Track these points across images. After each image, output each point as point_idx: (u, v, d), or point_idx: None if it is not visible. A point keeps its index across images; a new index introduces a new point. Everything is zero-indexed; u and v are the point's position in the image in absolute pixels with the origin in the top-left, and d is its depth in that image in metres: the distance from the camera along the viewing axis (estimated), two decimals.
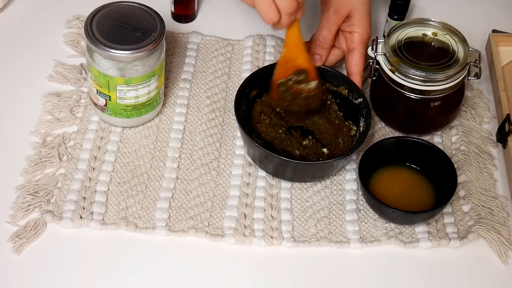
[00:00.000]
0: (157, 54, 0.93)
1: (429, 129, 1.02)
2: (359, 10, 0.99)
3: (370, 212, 0.93)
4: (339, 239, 0.90)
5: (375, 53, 0.98)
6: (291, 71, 0.94)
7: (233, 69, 1.09)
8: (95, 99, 0.97)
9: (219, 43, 1.12)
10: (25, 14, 1.14)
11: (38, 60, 1.07)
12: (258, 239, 0.89)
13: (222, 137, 1.00)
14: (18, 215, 0.89)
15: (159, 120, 1.01)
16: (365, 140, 0.94)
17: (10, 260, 0.86)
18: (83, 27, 1.10)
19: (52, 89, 1.03)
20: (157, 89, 0.97)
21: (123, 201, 0.92)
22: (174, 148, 0.98)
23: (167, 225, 0.90)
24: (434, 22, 1.01)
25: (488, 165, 0.99)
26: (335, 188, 0.96)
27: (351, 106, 0.99)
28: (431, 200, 0.93)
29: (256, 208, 0.93)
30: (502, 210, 0.94)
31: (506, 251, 0.90)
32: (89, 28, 0.91)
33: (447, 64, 0.96)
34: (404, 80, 0.96)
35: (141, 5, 0.96)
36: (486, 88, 1.09)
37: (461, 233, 0.92)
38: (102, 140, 0.98)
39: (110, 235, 0.89)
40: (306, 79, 0.94)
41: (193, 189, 0.94)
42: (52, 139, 0.97)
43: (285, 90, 0.94)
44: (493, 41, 1.11)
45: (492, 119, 1.06)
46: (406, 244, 0.90)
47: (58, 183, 0.93)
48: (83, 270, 0.86)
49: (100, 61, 0.92)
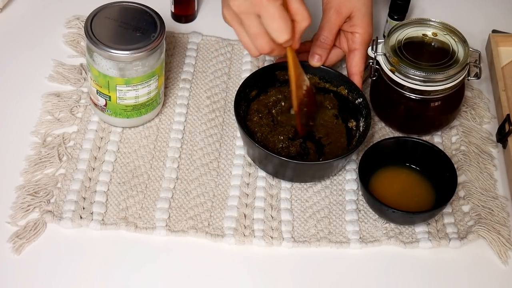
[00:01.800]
0: (157, 54, 0.93)
1: (429, 129, 1.02)
2: (361, 10, 0.99)
3: (370, 212, 0.93)
4: (339, 239, 0.90)
5: (375, 53, 0.98)
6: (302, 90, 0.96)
7: (233, 69, 1.09)
8: (95, 99, 0.97)
9: (219, 43, 1.12)
10: (25, 14, 1.14)
11: (38, 60, 1.07)
12: (258, 239, 0.89)
13: (222, 137, 1.00)
14: (18, 215, 0.89)
15: (159, 120, 1.01)
16: (365, 140, 0.94)
17: (10, 260, 0.86)
18: (83, 27, 1.10)
19: (52, 89, 1.03)
20: (157, 89, 0.97)
21: (123, 201, 0.92)
22: (174, 148, 0.98)
23: (167, 225, 0.90)
24: (434, 22, 1.00)
25: (488, 165, 0.99)
26: (335, 188, 0.96)
27: (351, 106, 0.99)
28: (431, 200, 0.93)
29: (256, 208, 0.93)
30: (502, 210, 0.94)
31: (506, 251, 0.90)
32: (89, 28, 0.91)
33: (447, 64, 0.96)
34: (404, 80, 0.96)
35: (141, 5, 0.96)
36: (486, 88, 1.09)
37: (461, 233, 0.92)
38: (102, 140, 0.98)
39: (110, 235, 0.89)
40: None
41: (193, 189, 0.94)
42: (52, 139, 0.97)
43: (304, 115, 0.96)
44: (493, 41, 1.11)
45: (492, 119, 1.06)
46: (406, 244, 0.90)
47: (58, 183, 0.93)
48: (83, 270, 0.86)
49: (100, 61, 0.92)
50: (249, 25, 0.86)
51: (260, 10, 0.83)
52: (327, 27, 1.00)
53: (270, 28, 0.84)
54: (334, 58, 1.03)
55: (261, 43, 0.87)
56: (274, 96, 1.00)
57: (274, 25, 0.84)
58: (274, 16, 0.83)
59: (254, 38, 0.87)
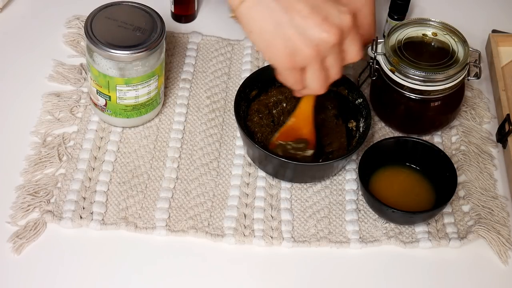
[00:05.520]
0: (157, 54, 0.93)
1: (429, 129, 1.02)
2: (363, 11, 0.99)
3: (370, 212, 0.93)
4: (339, 239, 0.90)
5: (375, 53, 0.98)
6: (293, 138, 0.94)
7: (233, 69, 1.09)
8: (95, 99, 0.97)
9: (219, 43, 1.12)
10: (25, 14, 1.14)
11: (38, 60, 1.07)
12: (258, 239, 0.89)
13: (222, 137, 1.00)
14: (18, 215, 0.89)
15: (159, 120, 1.01)
16: (365, 140, 0.94)
17: (10, 260, 0.86)
18: (83, 27, 1.10)
19: (52, 89, 1.03)
20: (157, 89, 0.97)
21: (123, 201, 0.92)
22: (174, 148, 0.98)
23: (167, 225, 0.90)
24: (434, 22, 1.01)
25: (488, 165, 0.99)
26: (335, 188, 0.96)
27: (351, 107, 0.99)
28: (431, 200, 0.93)
29: (256, 208, 0.93)
30: (502, 210, 0.94)
31: (506, 251, 0.90)
32: (89, 28, 0.91)
33: (447, 64, 0.96)
34: (404, 80, 0.96)
35: (141, 5, 0.96)
36: (486, 88, 1.09)
37: (461, 233, 0.92)
38: (102, 140, 0.98)
39: (110, 235, 0.89)
40: (305, 147, 0.94)
41: (193, 189, 0.94)
42: (52, 139, 0.97)
43: (280, 150, 0.94)
44: (493, 41, 1.11)
45: (492, 119, 1.06)
46: (406, 244, 0.90)
47: (58, 183, 0.93)
48: (83, 270, 0.86)
49: (100, 61, 0.92)
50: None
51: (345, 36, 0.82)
52: None
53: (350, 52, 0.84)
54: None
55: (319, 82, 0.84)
56: (275, 97, 1.00)
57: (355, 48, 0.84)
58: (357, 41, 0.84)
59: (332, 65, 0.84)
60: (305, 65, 0.82)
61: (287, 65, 0.82)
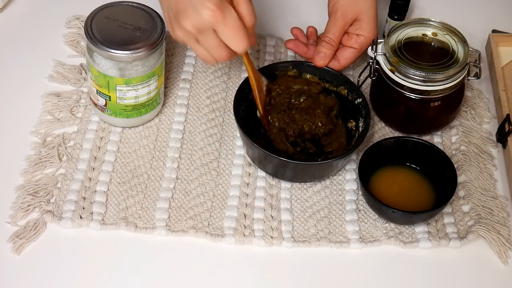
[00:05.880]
0: (157, 54, 0.93)
1: (429, 129, 1.02)
2: (367, 14, 0.99)
3: (370, 212, 0.93)
4: (339, 239, 0.90)
5: (375, 53, 0.98)
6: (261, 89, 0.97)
7: (233, 69, 1.09)
8: (95, 99, 0.97)
9: None
10: (25, 14, 1.14)
11: (38, 60, 1.07)
12: (258, 239, 0.89)
13: (222, 137, 1.00)
14: (18, 215, 0.89)
15: (159, 120, 1.01)
16: (364, 140, 0.94)
17: (10, 260, 0.86)
18: (83, 27, 1.10)
19: (52, 89, 1.03)
20: (157, 89, 0.97)
21: (123, 201, 0.92)
22: (174, 148, 0.98)
23: (167, 225, 0.90)
24: (434, 22, 1.01)
25: (488, 165, 0.99)
26: (335, 188, 0.96)
27: (350, 106, 0.99)
28: (431, 200, 0.93)
29: (256, 208, 0.93)
30: (502, 210, 0.94)
31: (506, 251, 0.90)
32: (89, 28, 0.91)
33: (447, 64, 0.96)
34: (404, 80, 0.96)
35: (141, 5, 0.96)
36: (486, 88, 1.09)
37: (461, 233, 0.92)
38: (102, 140, 0.98)
39: (110, 235, 0.89)
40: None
41: (193, 189, 0.94)
42: (52, 139, 0.97)
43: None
44: (493, 41, 1.11)
45: (492, 119, 1.06)
46: (406, 244, 0.90)
47: (58, 183, 0.93)
48: (83, 270, 0.86)
49: (100, 61, 0.92)
50: (206, 40, 0.85)
51: (217, 25, 0.83)
52: (332, 30, 1.00)
53: (230, 40, 0.85)
54: (345, 62, 1.02)
55: (221, 54, 0.87)
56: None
57: (234, 37, 0.84)
58: (233, 29, 0.83)
59: (213, 51, 0.86)
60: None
61: None
